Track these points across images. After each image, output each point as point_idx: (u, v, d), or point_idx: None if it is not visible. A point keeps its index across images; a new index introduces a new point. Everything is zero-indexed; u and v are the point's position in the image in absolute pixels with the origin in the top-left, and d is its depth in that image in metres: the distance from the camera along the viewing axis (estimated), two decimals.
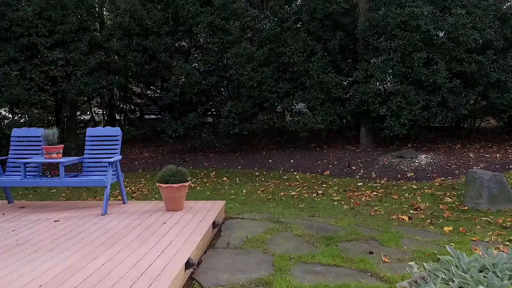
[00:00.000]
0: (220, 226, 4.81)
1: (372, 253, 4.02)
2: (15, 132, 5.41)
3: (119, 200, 5.65)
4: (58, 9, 9.48)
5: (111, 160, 4.86)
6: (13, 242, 3.84)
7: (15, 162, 5.21)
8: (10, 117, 9.44)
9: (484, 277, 1.83)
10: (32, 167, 5.23)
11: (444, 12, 8.98)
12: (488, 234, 4.79)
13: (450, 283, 1.80)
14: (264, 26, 9.07)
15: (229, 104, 9.64)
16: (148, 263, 3.24)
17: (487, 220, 5.35)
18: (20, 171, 5.21)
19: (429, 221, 5.49)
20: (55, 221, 4.55)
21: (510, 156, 8.95)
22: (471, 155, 9.07)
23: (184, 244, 3.70)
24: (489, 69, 9.20)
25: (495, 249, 4.15)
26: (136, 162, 10.38)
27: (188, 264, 3.35)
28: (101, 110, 14.18)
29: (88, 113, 13.60)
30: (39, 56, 9.42)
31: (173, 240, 3.82)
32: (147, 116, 14.84)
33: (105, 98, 12.34)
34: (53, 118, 11.29)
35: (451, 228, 5.12)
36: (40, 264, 3.28)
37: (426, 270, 1.98)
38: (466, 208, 5.96)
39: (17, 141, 5.39)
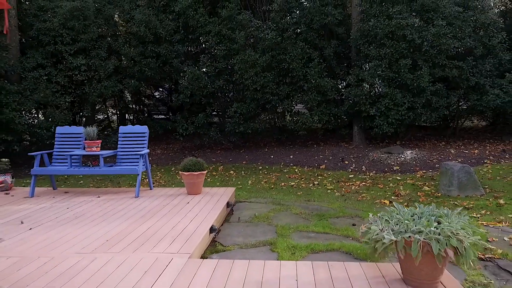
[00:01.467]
0: (232, 207, 5.85)
1: (355, 225, 5.06)
2: (59, 130, 6.45)
3: (145, 187, 6.68)
4: (81, 19, 10.51)
5: (142, 152, 5.90)
6: (72, 216, 4.88)
7: (61, 154, 6.25)
8: (40, 118, 10.44)
9: (413, 220, 2.87)
10: (74, 158, 6.26)
11: (428, 23, 10.01)
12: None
13: (390, 221, 2.84)
14: (267, 36, 10.11)
15: (235, 105, 10.68)
16: (182, 228, 4.28)
17: (454, 203, 6.39)
18: (64, 162, 6.25)
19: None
20: (98, 197, 5.59)
21: (487, 152, 10.00)
22: (452, 151, 10.11)
23: (207, 216, 4.74)
24: (469, 74, 10.24)
25: None
26: (150, 158, 11.40)
27: (211, 229, 4.39)
28: (112, 110, 15.22)
29: (101, 113, 14.61)
30: (64, 62, 10.46)
31: (198, 214, 4.86)
32: (155, 116, 15.87)
33: (119, 100, 13.36)
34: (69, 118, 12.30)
35: None
36: (99, 229, 4.31)
37: (378, 216, 3.02)
38: (439, 194, 7.00)
39: (61, 137, 6.43)
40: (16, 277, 3.06)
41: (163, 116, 15.61)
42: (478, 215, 5.66)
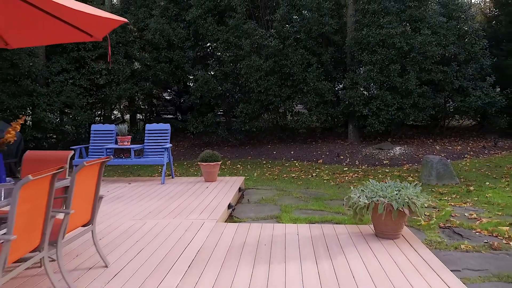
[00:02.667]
0: (243, 192, 6.95)
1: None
2: (94, 127, 7.54)
3: (167, 177, 7.78)
4: None
5: (166, 146, 7.00)
6: (113, 197, 5.97)
7: (98, 148, 7.34)
8: (65, 117, 11.53)
9: (381, 190, 3.96)
10: (108, 151, 7.35)
11: (415, 32, 11.10)
12: (429, 196, 6.90)
13: (365, 191, 3.93)
14: (270, 43, 11.20)
15: (241, 106, 11.78)
16: (206, 204, 5.37)
17: (431, 190, 7.48)
18: (99, 154, 7.35)
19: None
20: (128, 183, 6.69)
21: (468, 148, 11.09)
22: (438, 147, 11.21)
23: (224, 197, 5.84)
24: (453, 78, 11.33)
25: (428, 204, 6.26)
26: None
27: (229, 206, 5.48)
28: (125, 110, 16.30)
29: (116, 112, 15.70)
30: (86, 67, 11.55)
31: (216, 195, 5.95)
32: (164, 116, 16.96)
33: (131, 101, 14.45)
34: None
35: None
36: (140, 205, 5.41)
37: (357, 189, 4.12)
38: (420, 184, 8.07)
39: (95, 134, 7.52)
40: (90, 234, 4.15)
41: (172, 116, 16.69)
42: (449, 198, 6.75)
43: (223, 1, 11.80)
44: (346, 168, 9.80)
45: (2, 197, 2.81)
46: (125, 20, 2.99)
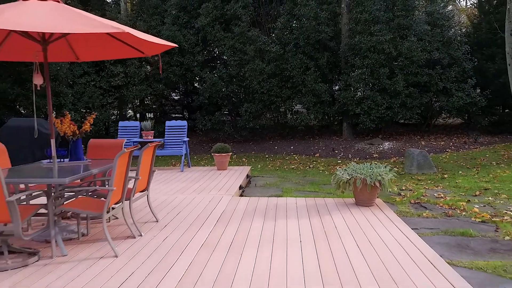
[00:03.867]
0: (250, 178, 8.16)
1: (343, 192, 7.35)
2: (121, 124, 8.75)
3: (185, 166, 8.98)
4: None
5: (184, 139, 8.21)
6: None
7: (126, 141, 8.55)
8: (87, 116, 12.74)
9: (360, 169, 5.19)
10: (134, 144, 8.56)
11: (403, 39, 12.32)
12: (408, 182, 8.13)
13: (347, 170, 5.15)
14: (272, 49, 12.41)
15: (245, 105, 12.99)
16: (222, 185, 6.59)
17: (411, 177, 8.69)
18: (126, 147, 8.55)
19: None
20: (153, 170, 7.90)
21: (451, 143, 12.31)
22: (423, 142, 12.43)
23: (235, 180, 7.05)
24: (438, 80, 12.54)
25: (405, 187, 7.48)
26: None
27: (240, 187, 6.70)
28: (136, 109, 17.51)
29: (129, 110, 16.91)
30: (106, 70, 12.76)
31: (229, 179, 7.17)
32: (172, 115, 18.16)
33: (141, 101, 15.66)
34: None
35: None
36: (166, 186, 6.61)
37: (342, 169, 5.34)
38: (403, 173, 9.29)
39: (122, 129, 8.73)
40: (133, 205, 5.36)
41: (179, 115, 17.90)
42: (425, 184, 7.96)
43: (229, 10, 13.01)
44: (340, 161, 11.01)
45: (81, 170, 4.02)
46: (175, 45, 4.18)
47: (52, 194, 3.59)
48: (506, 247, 4.19)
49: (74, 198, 4.15)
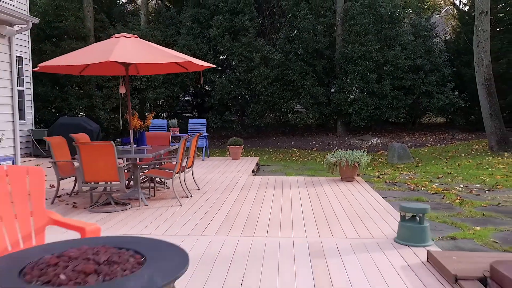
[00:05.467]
0: (259, 166, 9.97)
1: (332, 173, 9.17)
2: (153, 121, 10.55)
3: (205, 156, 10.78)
4: None
5: (205, 134, 10.02)
6: None
7: None
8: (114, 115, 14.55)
9: (345, 154, 7.01)
10: None
11: (389, 48, 14.14)
12: (388, 169, 9.94)
13: (335, 154, 6.96)
14: (275, 57, 14.22)
15: (252, 106, 14.80)
16: (238, 169, 8.40)
17: (391, 165, 10.50)
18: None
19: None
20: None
21: (431, 139, 14.13)
22: (407, 138, 14.25)
23: (248, 166, 8.86)
24: (420, 84, 14.35)
25: (384, 173, 9.29)
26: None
27: (252, 171, 8.51)
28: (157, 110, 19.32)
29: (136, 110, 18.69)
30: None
31: (243, 166, 8.97)
32: (182, 115, 19.94)
33: (156, 102, 17.45)
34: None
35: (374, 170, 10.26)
36: (196, 170, 8.41)
37: (331, 154, 7.16)
38: (386, 163, 11.11)
39: (153, 126, 10.52)
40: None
41: (190, 114, 19.70)
42: (401, 170, 9.77)
43: (237, 22, 14.82)
44: None
45: (145, 152, 5.81)
46: (213, 65, 5.95)
47: (138, 166, 5.40)
48: (445, 206, 6.00)
49: (150, 169, 5.97)
